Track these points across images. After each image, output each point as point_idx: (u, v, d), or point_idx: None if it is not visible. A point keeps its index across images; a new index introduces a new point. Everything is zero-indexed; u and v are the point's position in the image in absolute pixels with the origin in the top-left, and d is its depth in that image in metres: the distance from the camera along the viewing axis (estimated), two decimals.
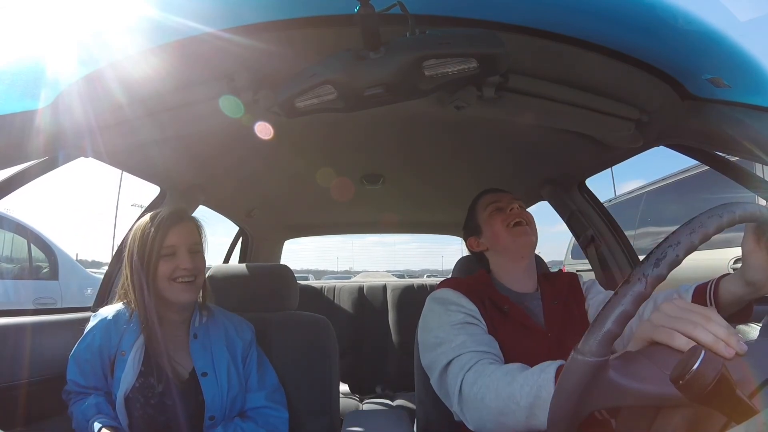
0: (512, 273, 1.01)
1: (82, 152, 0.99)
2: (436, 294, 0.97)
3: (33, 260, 3.63)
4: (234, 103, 0.86)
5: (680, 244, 0.46)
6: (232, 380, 0.98)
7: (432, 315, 0.93)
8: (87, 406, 0.91)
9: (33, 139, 0.77)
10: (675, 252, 0.46)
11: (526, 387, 0.63)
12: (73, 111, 0.80)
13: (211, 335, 1.00)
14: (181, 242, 0.94)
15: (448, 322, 0.87)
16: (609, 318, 0.44)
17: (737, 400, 0.38)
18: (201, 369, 0.95)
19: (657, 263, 0.46)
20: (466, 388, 0.74)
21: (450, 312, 0.89)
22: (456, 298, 0.93)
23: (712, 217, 0.48)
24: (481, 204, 1.08)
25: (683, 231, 0.47)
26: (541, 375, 0.63)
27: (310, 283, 2.60)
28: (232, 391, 0.97)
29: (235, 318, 1.08)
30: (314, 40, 0.75)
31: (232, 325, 1.06)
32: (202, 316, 1.03)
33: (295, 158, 1.38)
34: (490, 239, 1.04)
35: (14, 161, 0.87)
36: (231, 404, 0.96)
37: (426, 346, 0.89)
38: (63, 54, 0.72)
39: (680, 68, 0.79)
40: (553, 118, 0.96)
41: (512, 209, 1.01)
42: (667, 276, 0.46)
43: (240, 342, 1.03)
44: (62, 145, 0.89)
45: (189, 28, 0.67)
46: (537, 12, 0.70)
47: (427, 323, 0.93)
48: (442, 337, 0.85)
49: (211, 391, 0.94)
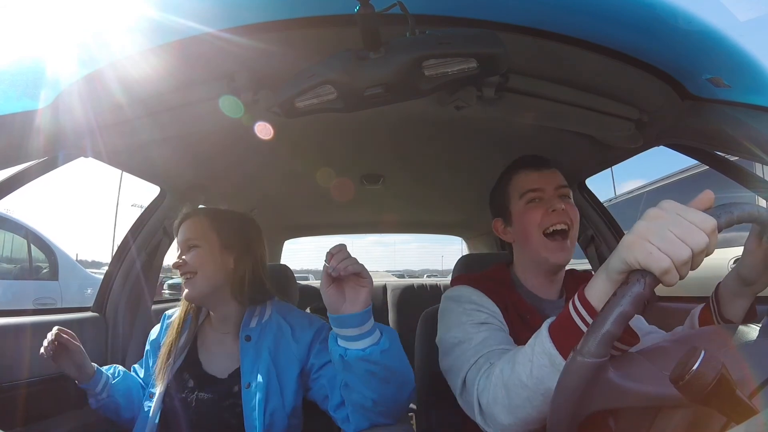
0: (537, 278, 0.91)
1: (82, 152, 0.99)
2: (453, 292, 0.88)
3: (33, 260, 3.63)
4: (234, 103, 0.86)
5: None
6: (272, 392, 0.87)
7: (448, 313, 0.84)
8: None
9: (33, 139, 0.77)
10: None
11: (527, 363, 0.59)
12: (73, 111, 0.80)
13: (265, 338, 0.91)
14: (181, 239, 0.94)
15: (467, 321, 0.79)
16: (608, 319, 0.45)
17: (737, 401, 0.38)
18: (246, 379, 0.87)
19: None
20: (482, 399, 0.67)
21: (468, 311, 0.81)
22: (476, 296, 0.84)
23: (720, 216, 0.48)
24: (516, 185, 0.90)
25: None
26: (535, 341, 0.60)
27: (310, 283, 2.61)
28: (270, 405, 0.86)
29: (299, 317, 0.96)
30: (314, 40, 0.75)
31: (290, 326, 0.93)
32: (255, 314, 0.94)
33: (295, 158, 1.38)
34: (519, 235, 0.90)
35: (14, 161, 0.87)
36: (270, 420, 0.86)
37: (444, 347, 0.82)
38: (63, 54, 0.72)
39: (680, 68, 0.79)
40: (553, 118, 0.96)
41: (555, 210, 0.84)
42: None
43: (295, 345, 0.91)
44: (62, 145, 0.89)
45: (189, 28, 0.67)
46: (537, 12, 0.70)
47: (443, 323, 0.84)
48: (460, 336, 0.78)
49: (250, 403, 0.86)
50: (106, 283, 1.42)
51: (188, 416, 0.88)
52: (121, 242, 1.45)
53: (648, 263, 0.45)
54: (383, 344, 0.72)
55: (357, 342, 0.71)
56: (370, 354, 0.70)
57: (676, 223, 0.46)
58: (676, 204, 0.48)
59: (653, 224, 0.47)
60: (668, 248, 0.45)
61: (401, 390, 0.77)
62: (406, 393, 0.79)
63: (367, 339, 0.71)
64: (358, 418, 0.81)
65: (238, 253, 0.94)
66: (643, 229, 0.47)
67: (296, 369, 0.90)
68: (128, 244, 1.43)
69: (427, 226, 2.80)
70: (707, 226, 0.45)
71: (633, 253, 0.47)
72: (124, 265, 1.42)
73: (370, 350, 0.70)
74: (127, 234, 1.45)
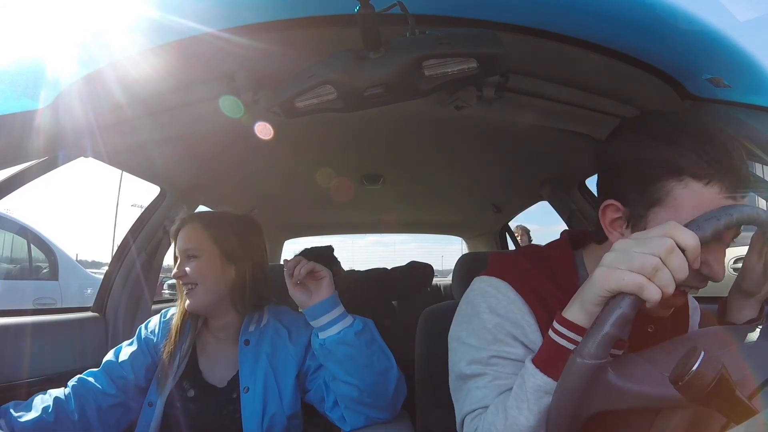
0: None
1: (82, 152, 0.99)
2: (479, 285, 0.68)
3: (33, 260, 3.63)
4: (234, 103, 0.86)
5: None
6: (270, 396, 0.87)
7: (465, 315, 0.68)
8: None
9: (33, 139, 0.77)
10: None
11: (522, 406, 0.53)
12: (73, 111, 0.80)
13: (263, 342, 0.91)
14: (180, 247, 0.92)
15: (478, 336, 0.64)
16: (608, 321, 0.45)
17: (737, 401, 0.38)
18: (244, 383, 0.87)
19: None
20: None
21: (496, 335, 0.63)
22: (516, 309, 0.63)
23: (710, 220, 0.48)
24: (687, 197, 0.53)
25: None
26: (523, 381, 0.54)
27: None
28: (269, 410, 0.86)
29: (296, 320, 0.95)
30: (314, 40, 0.75)
31: (287, 329, 0.93)
32: (254, 320, 0.94)
33: (295, 158, 1.38)
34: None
35: (14, 161, 0.87)
36: (269, 424, 0.85)
37: (451, 368, 0.69)
38: (63, 54, 0.72)
39: (680, 68, 0.79)
40: (553, 118, 0.96)
41: (720, 254, 0.55)
42: None
43: (293, 347, 0.90)
44: (62, 145, 0.89)
45: (189, 28, 0.67)
46: (537, 12, 0.70)
47: (464, 327, 0.67)
48: (473, 368, 0.63)
49: (250, 408, 0.86)
50: (106, 283, 1.42)
51: (188, 424, 0.88)
52: (121, 242, 1.45)
53: (622, 287, 0.46)
54: (356, 326, 0.79)
55: (331, 328, 0.79)
56: (344, 336, 0.78)
57: (635, 242, 0.47)
58: (643, 231, 0.49)
59: (617, 251, 0.48)
60: (634, 265, 0.45)
61: (385, 377, 0.81)
62: (392, 381, 0.82)
63: (339, 323, 0.79)
64: (352, 415, 0.82)
65: (238, 262, 0.92)
66: (611, 260, 0.48)
67: (294, 371, 0.89)
68: (128, 244, 1.43)
69: (426, 226, 2.80)
70: (665, 229, 0.46)
71: (606, 285, 0.47)
72: (124, 265, 1.42)
73: (344, 332, 0.78)
74: (127, 234, 1.45)
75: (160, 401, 0.88)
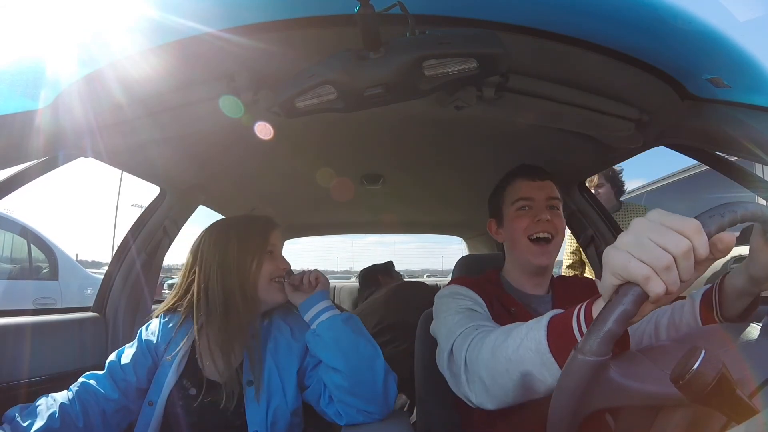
0: (523, 276, 0.98)
1: (82, 152, 0.99)
2: (444, 290, 0.95)
3: (33, 260, 3.63)
4: (234, 103, 0.86)
5: None
6: (274, 388, 0.90)
7: (439, 306, 0.91)
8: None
9: (33, 139, 0.77)
10: None
11: (518, 339, 0.61)
12: (73, 111, 0.80)
13: (266, 337, 0.95)
14: (278, 243, 1.01)
15: (454, 308, 0.86)
16: (610, 317, 0.44)
17: (737, 400, 0.38)
18: (247, 376, 0.90)
19: None
20: (470, 363, 0.71)
21: (456, 300, 0.88)
22: (464, 291, 0.91)
23: (713, 217, 0.47)
24: (511, 192, 0.98)
25: None
26: (534, 324, 0.60)
27: None
28: (273, 403, 0.89)
29: (298, 317, 0.99)
30: (314, 40, 0.75)
31: (289, 327, 0.98)
32: (263, 317, 0.98)
33: (295, 158, 1.38)
34: (508, 238, 0.99)
35: (14, 161, 0.86)
36: (273, 419, 0.88)
37: (435, 335, 0.88)
38: (63, 54, 0.72)
39: (680, 68, 0.79)
40: (553, 118, 0.96)
41: (540, 219, 0.92)
42: None
43: (295, 344, 0.95)
44: (62, 145, 0.89)
45: (189, 28, 0.67)
46: (537, 12, 0.70)
47: (436, 315, 0.91)
48: (449, 321, 0.83)
49: (254, 401, 0.88)
50: (106, 283, 1.42)
51: (191, 421, 0.88)
52: (121, 242, 1.45)
53: (627, 273, 0.44)
54: (343, 316, 0.92)
55: (321, 316, 0.91)
56: (333, 322, 0.90)
57: (654, 229, 0.44)
58: (663, 212, 0.46)
59: (633, 234, 0.46)
60: (645, 255, 0.43)
61: (371, 366, 0.87)
62: (379, 372, 0.87)
63: (328, 312, 0.92)
64: (345, 408, 0.86)
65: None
66: (624, 241, 0.46)
67: (296, 366, 0.93)
68: (128, 244, 1.43)
69: (426, 226, 2.80)
70: (687, 227, 0.43)
71: (612, 265, 0.45)
72: (124, 265, 1.42)
73: (332, 319, 0.90)
74: (127, 234, 1.45)
75: (161, 400, 0.89)
